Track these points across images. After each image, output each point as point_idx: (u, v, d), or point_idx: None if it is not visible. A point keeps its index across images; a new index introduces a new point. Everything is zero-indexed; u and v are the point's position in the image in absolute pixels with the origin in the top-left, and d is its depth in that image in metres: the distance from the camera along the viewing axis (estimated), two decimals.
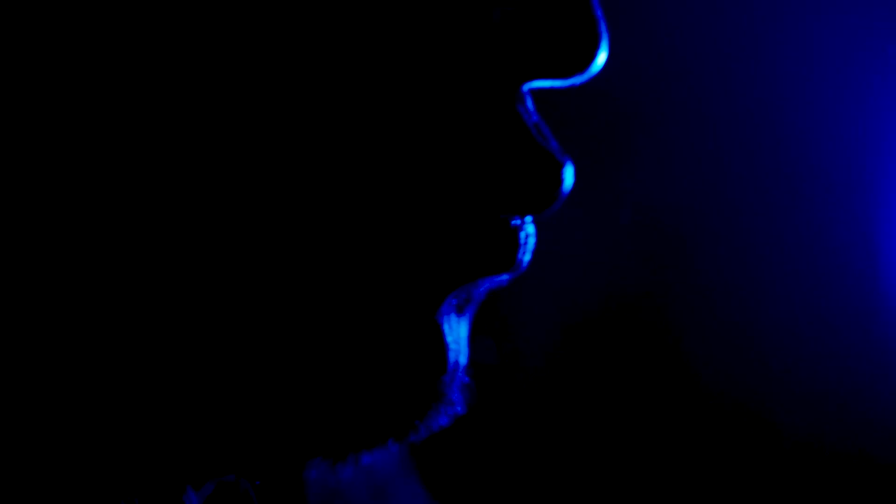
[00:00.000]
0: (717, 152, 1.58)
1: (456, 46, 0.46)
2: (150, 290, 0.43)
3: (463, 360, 0.50)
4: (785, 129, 1.57)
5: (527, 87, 0.49)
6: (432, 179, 0.46)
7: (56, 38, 0.43)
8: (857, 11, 1.53)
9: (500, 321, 1.56)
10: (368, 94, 0.45)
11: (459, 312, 0.49)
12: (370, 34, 0.44)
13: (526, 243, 0.50)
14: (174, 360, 0.44)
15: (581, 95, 1.61)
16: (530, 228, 0.50)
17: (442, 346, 0.48)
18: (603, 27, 0.47)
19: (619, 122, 1.57)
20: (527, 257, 0.50)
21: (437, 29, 0.45)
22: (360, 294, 0.46)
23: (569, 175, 0.49)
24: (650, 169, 1.58)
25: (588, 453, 1.56)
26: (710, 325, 1.56)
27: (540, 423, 1.57)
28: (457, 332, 0.49)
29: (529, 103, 0.49)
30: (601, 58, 0.48)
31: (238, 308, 0.44)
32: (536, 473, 1.56)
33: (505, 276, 0.50)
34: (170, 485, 0.47)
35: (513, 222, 0.49)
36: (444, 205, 0.46)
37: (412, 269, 0.47)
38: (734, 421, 1.55)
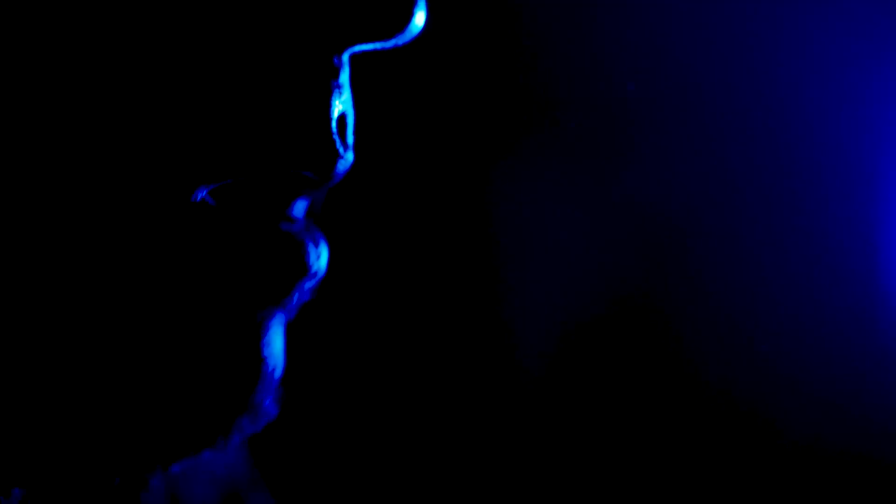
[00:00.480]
0: (717, 151, 1.58)
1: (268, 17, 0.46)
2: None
3: (278, 372, 0.51)
4: (785, 127, 1.57)
5: (349, 52, 0.49)
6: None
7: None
8: (857, 10, 1.53)
9: (500, 321, 1.56)
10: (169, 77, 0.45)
11: (275, 324, 0.50)
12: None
13: (318, 250, 0.50)
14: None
15: (581, 95, 1.61)
16: (319, 236, 0.51)
17: (259, 359, 0.49)
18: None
19: (618, 122, 1.57)
20: (322, 263, 0.50)
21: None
22: (177, 307, 0.47)
23: (343, 165, 0.49)
24: (650, 169, 1.58)
25: (587, 453, 1.56)
26: (709, 325, 1.56)
27: (540, 423, 1.57)
28: (274, 345, 0.50)
29: (343, 78, 0.50)
30: (419, 18, 0.49)
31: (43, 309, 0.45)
32: (535, 473, 1.56)
33: (307, 285, 0.51)
34: None
35: (294, 228, 0.50)
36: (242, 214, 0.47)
37: (225, 282, 0.48)
38: (734, 421, 1.55)
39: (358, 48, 0.48)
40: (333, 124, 0.48)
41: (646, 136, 1.57)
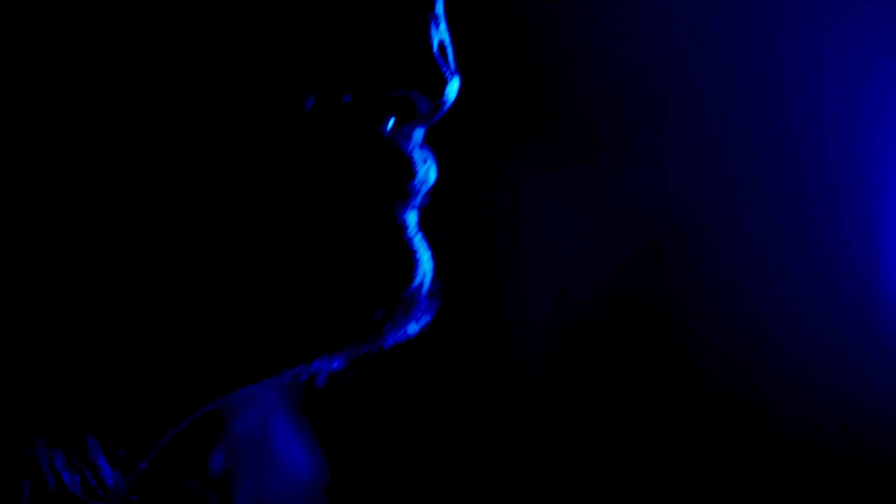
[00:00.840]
0: (717, 150, 1.58)
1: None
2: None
3: (430, 272, 0.52)
4: (786, 127, 1.57)
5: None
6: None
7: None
8: (857, 10, 1.53)
9: (500, 321, 1.56)
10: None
11: (410, 219, 0.52)
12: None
13: (427, 164, 0.54)
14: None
15: (581, 95, 1.60)
16: (429, 153, 0.54)
17: (411, 256, 0.51)
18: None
19: (618, 122, 1.57)
20: (431, 175, 0.54)
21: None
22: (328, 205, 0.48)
23: (452, 87, 0.52)
24: (650, 168, 1.58)
25: (588, 454, 1.56)
26: (709, 325, 1.56)
27: (540, 423, 1.57)
28: (421, 245, 0.52)
29: (439, 8, 0.52)
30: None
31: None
32: (536, 474, 1.56)
33: (421, 192, 0.52)
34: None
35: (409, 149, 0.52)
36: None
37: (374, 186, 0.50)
38: (734, 421, 1.55)
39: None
40: (435, 50, 0.50)
41: (646, 136, 1.57)
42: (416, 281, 0.51)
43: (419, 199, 0.53)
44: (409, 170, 0.51)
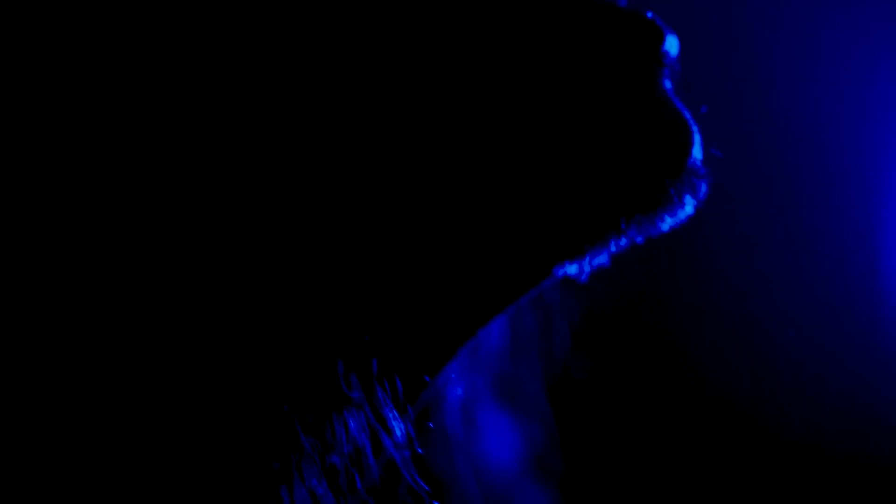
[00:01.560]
0: (716, 153, 1.58)
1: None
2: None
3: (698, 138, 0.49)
4: (785, 128, 1.57)
5: None
6: None
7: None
8: (857, 11, 1.53)
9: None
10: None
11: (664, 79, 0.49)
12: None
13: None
14: None
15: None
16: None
17: (684, 120, 0.47)
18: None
19: None
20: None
21: None
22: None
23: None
24: None
25: (589, 455, 1.56)
26: (710, 326, 1.56)
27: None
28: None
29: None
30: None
31: None
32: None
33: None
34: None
35: None
36: None
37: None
38: (734, 421, 1.55)
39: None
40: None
41: None
42: (693, 144, 0.47)
43: (670, 64, 0.50)
44: (659, 35, 0.48)
